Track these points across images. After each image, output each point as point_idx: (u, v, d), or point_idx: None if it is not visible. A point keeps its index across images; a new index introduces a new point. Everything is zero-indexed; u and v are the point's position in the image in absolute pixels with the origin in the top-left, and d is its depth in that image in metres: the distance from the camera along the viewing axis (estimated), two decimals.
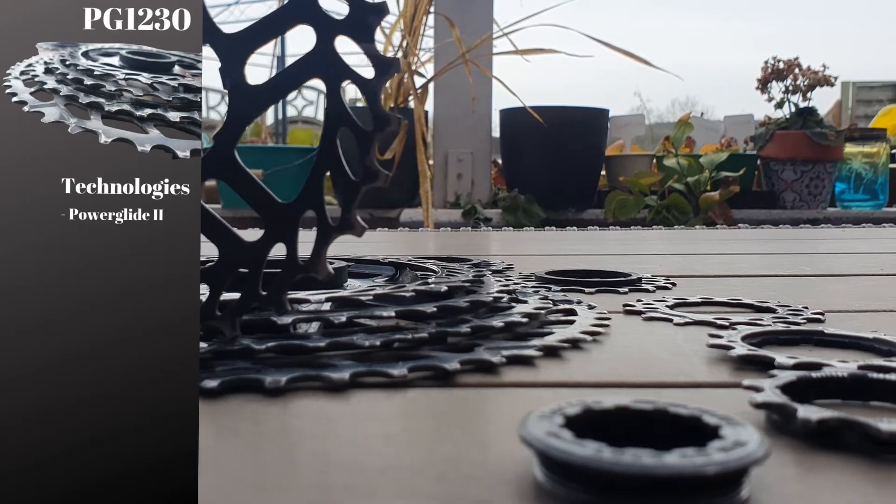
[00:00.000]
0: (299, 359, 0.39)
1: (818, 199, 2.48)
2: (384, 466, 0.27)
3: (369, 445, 0.29)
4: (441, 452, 0.28)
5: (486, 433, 0.30)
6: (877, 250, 1.13)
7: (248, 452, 0.28)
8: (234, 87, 0.39)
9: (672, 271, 0.78)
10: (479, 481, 0.26)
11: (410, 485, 0.25)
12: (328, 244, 0.39)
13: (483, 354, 0.40)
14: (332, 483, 0.25)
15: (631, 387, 0.37)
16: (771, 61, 2.49)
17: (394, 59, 0.38)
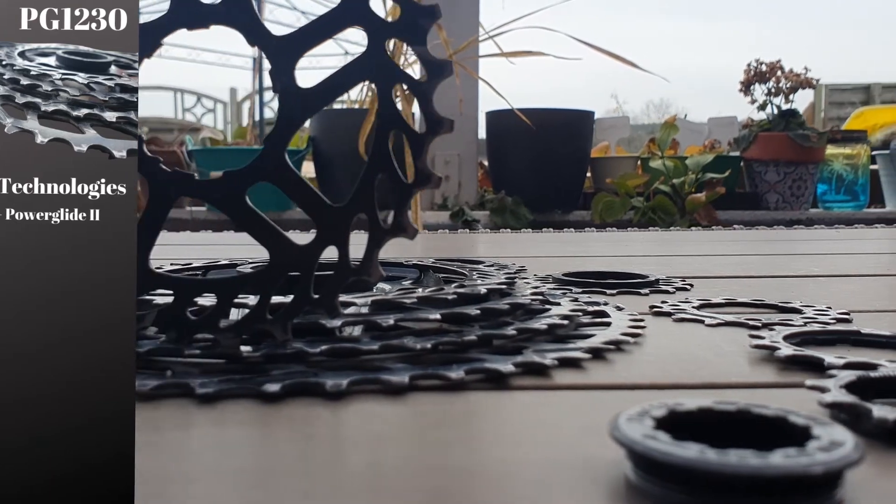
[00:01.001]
0: (351, 362, 0.39)
1: (801, 200, 2.50)
2: (479, 470, 0.27)
3: (452, 449, 0.29)
4: (525, 455, 0.28)
5: (562, 436, 0.30)
6: (875, 250, 1.14)
7: (331, 456, 0.28)
8: (284, 89, 0.39)
9: (684, 272, 0.79)
10: (572, 484, 0.26)
11: (511, 488, 0.25)
12: (380, 247, 0.39)
13: (533, 357, 0.40)
14: (430, 486, 0.25)
15: (686, 388, 0.37)
16: (754, 64, 2.51)
17: (446, 62, 0.38)
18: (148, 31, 0.39)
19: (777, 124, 2.50)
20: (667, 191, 2.30)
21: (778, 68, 2.49)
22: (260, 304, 0.39)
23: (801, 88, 2.44)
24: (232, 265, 0.60)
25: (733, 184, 2.45)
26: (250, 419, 0.32)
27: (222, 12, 0.39)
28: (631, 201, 2.31)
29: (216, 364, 0.38)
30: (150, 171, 0.39)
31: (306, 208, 0.39)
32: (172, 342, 0.39)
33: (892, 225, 1.73)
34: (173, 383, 0.35)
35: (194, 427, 0.31)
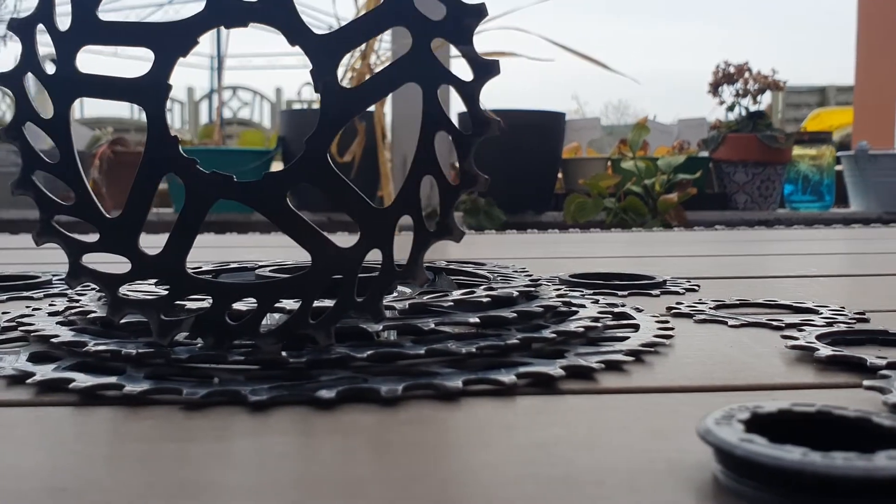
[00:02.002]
0: (396, 366, 0.38)
1: (769, 200, 2.54)
2: (567, 477, 0.26)
3: (528, 454, 0.28)
4: (607, 461, 0.28)
5: (634, 440, 0.30)
6: (864, 250, 1.16)
7: (408, 465, 0.28)
8: (326, 89, 0.38)
9: (684, 273, 0.79)
10: (661, 487, 0.25)
11: (604, 494, 0.25)
12: (425, 250, 0.39)
13: (578, 360, 0.40)
14: (522, 495, 0.25)
15: (733, 390, 0.37)
16: (722, 65, 2.54)
17: (494, 62, 0.38)
18: (183, 28, 0.38)
19: (745, 125, 2.54)
20: (638, 192, 2.32)
21: (746, 70, 2.52)
22: (302, 308, 0.38)
23: (770, 90, 2.48)
24: (245, 268, 0.59)
25: (703, 184, 2.48)
26: (312, 427, 0.31)
27: (261, 10, 0.38)
28: (603, 202, 2.32)
29: (260, 370, 0.37)
30: (187, 172, 0.38)
31: (349, 211, 0.39)
32: (211, 348, 0.38)
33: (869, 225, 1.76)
34: (223, 391, 0.34)
35: (261, 436, 0.30)
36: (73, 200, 0.39)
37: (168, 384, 0.35)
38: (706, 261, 1.03)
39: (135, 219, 0.39)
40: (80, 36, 0.39)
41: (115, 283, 0.39)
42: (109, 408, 0.34)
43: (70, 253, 0.39)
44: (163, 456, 0.28)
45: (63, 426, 0.32)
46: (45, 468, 0.27)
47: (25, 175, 0.39)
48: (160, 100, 0.38)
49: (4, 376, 0.38)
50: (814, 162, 2.64)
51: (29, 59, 0.39)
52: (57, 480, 0.26)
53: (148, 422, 0.32)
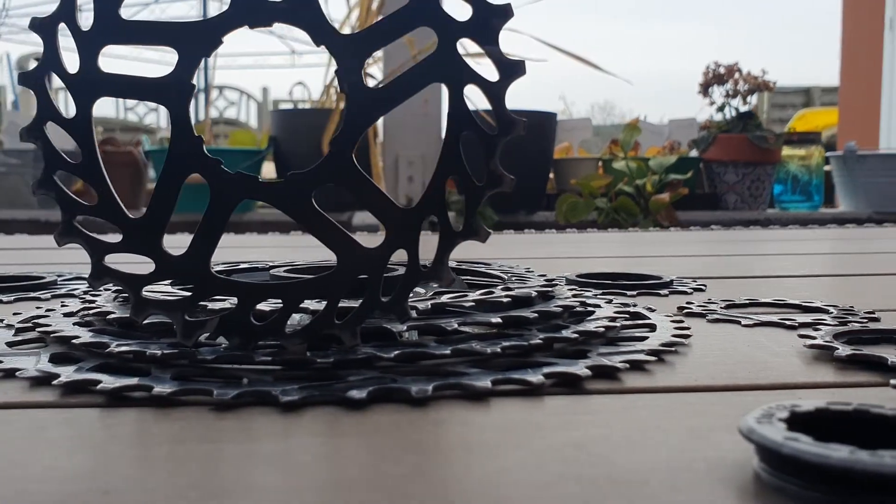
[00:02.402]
0: (422, 366, 0.38)
1: (759, 200, 2.55)
2: (607, 475, 0.26)
3: (566, 454, 0.28)
4: (647, 460, 0.28)
5: (671, 440, 0.30)
6: (865, 250, 1.17)
7: (447, 465, 0.28)
8: (351, 89, 0.38)
9: (688, 272, 0.80)
10: (702, 486, 0.26)
11: (646, 493, 0.25)
12: (451, 250, 0.39)
13: (603, 360, 0.40)
14: (561, 495, 0.25)
15: (759, 389, 0.37)
16: (712, 66, 2.56)
17: (520, 62, 0.38)
18: (208, 28, 0.38)
19: (735, 126, 2.55)
20: (630, 192, 2.33)
21: (736, 70, 2.53)
22: (328, 308, 0.38)
23: (759, 91, 2.49)
24: (255, 268, 0.59)
25: (693, 185, 2.49)
26: (344, 428, 0.31)
27: (286, 10, 0.38)
28: (595, 202, 2.33)
29: (287, 371, 0.37)
30: (211, 172, 0.38)
31: (375, 211, 0.38)
32: (236, 349, 0.38)
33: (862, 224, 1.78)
34: (253, 392, 0.34)
35: (295, 437, 0.30)
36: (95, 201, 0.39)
37: (197, 385, 0.35)
38: (708, 260, 1.04)
39: (158, 219, 0.38)
40: (102, 35, 0.38)
41: (139, 284, 0.39)
42: (137, 409, 0.34)
43: (92, 253, 0.39)
44: (200, 457, 0.28)
45: (95, 427, 0.32)
46: (85, 470, 0.27)
47: (47, 175, 0.39)
48: (184, 100, 0.38)
49: (28, 378, 0.38)
50: (802, 162, 2.66)
51: (51, 59, 0.39)
52: (101, 482, 0.25)
53: (179, 423, 0.32)
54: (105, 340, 0.40)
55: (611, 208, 2.31)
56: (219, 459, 0.28)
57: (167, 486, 0.25)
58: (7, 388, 0.37)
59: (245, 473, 0.27)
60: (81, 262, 0.91)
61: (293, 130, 2.62)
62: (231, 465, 0.27)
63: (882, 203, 2.54)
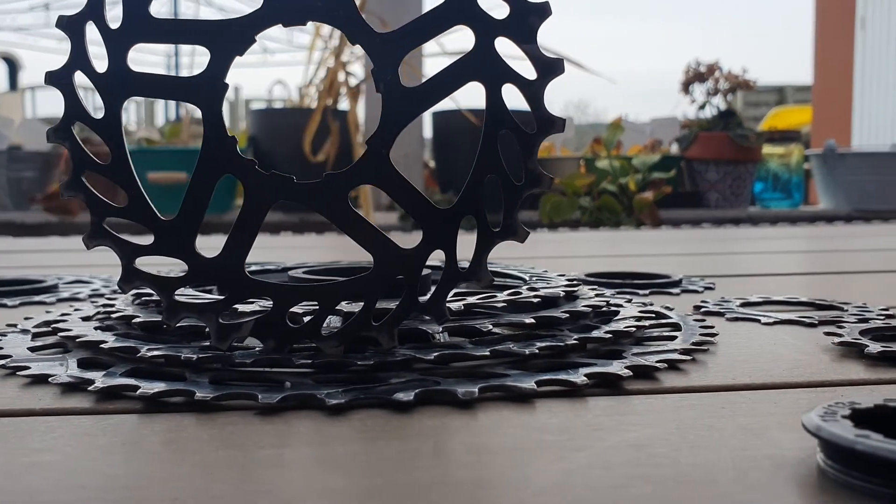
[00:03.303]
0: (460, 368, 0.38)
1: (740, 198, 2.57)
2: (675, 475, 0.26)
3: (628, 455, 0.28)
4: (710, 458, 0.28)
5: (726, 438, 0.30)
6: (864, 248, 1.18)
7: (511, 467, 0.27)
8: (388, 88, 0.38)
9: (691, 271, 0.80)
10: (769, 484, 0.25)
11: (716, 491, 0.25)
12: (490, 250, 0.39)
13: (640, 360, 0.40)
14: (635, 495, 0.25)
15: (798, 387, 0.37)
16: (693, 64, 2.57)
17: (558, 60, 0.38)
18: (240, 26, 0.38)
19: (716, 124, 2.57)
20: (613, 190, 2.34)
21: (716, 69, 2.55)
22: (364, 310, 0.38)
23: (740, 89, 2.51)
24: (269, 270, 0.58)
25: (675, 183, 2.50)
26: (396, 430, 0.31)
27: (321, 8, 0.38)
28: (578, 201, 2.33)
29: (326, 374, 0.37)
30: (245, 173, 0.38)
31: (412, 211, 0.38)
32: (272, 352, 0.38)
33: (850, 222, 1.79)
34: (298, 395, 0.34)
35: (347, 441, 0.30)
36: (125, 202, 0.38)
37: (239, 389, 0.34)
38: (707, 259, 1.04)
39: (191, 221, 0.38)
40: (131, 33, 0.38)
41: (171, 287, 0.38)
42: (178, 414, 0.33)
43: (123, 256, 0.38)
44: (261, 462, 0.28)
45: (142, 434, 0.31)
46: (147, 477, 0.26)
47: (76, 176, 0.38)
48: (217, 99, 0.38)
49: (60, 383, 0.37)
50: (782, 160, 2.68)
51: (78, 57, 0.38)
52: (167, 489, 0.25)
53: (228, 428, 0.31)
54: (135, 345, 0.39)
55: (594, 207, 2.32)
56: (281, 465, 0.27)
57: (236, 493, 0.25)
58: (40, 394, 0.36)
59: (312, 478, 0.26)
60: (77, 265, 0.90)
61: (272, 130, 2.60)
62: (295, 470, 0.27)
63: (861, 201, 2.57)
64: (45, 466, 0.27)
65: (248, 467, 0.27)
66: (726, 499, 0.25)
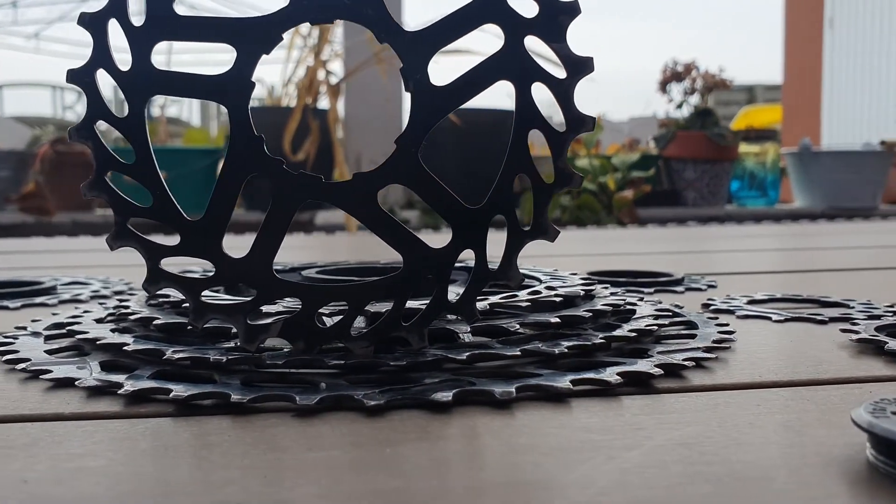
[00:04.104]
0: (491, 367, 0.38)
1: (718, 196, 2.60)
2: (730, 473, 0.26)
3: (679, 453, 0.28)
4: (759, 456, 0.28)
5: (769, 435, 0.30)
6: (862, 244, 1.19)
7: (565, 468, 0.27)
8: (417, 87, 0.37)
9: (691, 269, 0.80)
10: (829, 480, 0.26)
11: (780, 487, 0.25)
12: (520, 249, 0.38)
13: (667, 359, 0.40)
14: (699, 494, 0.25)
15: (826, 384, 0.38)
16: (670, 64, 2.59)
17: (588, 59, 0.38)
18: (267, 24, 0.37)
19: (693, 123, 2.59)
20: (593, 189, 2.35)
21: (693, 68, 2.57)
22: (394, 310, 0.38)
23: (717, 88, 2.53)
24: (286, 270, 0.57)
25: (654, 182, 2.52)
26: (439, 432, 0.31)
27: (349, 7, 0.37)
28: (559, 200, 2.34)
29: (357, 375, 0.37)
30: (273, 172, 0.37)
31: (442, 210, 0.38)
32: (301, 353, 0.37)
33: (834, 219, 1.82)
34: (336, 396, 0.33)
35: (398, 442, 0.30)
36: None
37: (276, 391, 0.34)
38: (702, 257, 1.05)
39: (218, 221, 0.37)
40: (156, 31, 0.37)
41: (198, 288, 0.38)
42: (213, 417, 0.33)
43: (148, 258, 0.37)
44: (316, 465, 0.27)
45: (183, 437, 0.31)
46: (202, 483, 0.26)
47: (99, 177, 0.38)
48: (244, 98, 0.37)
49: (87, 387, 0.36)
50: (758, 159, 2.71)
51: (101, 55, 0.37)
52: (230, 495, 0.25)
53: (270, 430, 0.31)
54: (160, 347, 0.39)
55: (575, 206, 2.33)
56: (333, 467, 0.27)
57: (300, 496, 0.24)
58: (66, 398, 0.36)
59: (368, 480, 0.26)
60: (68, 266, 0.89)
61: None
62: (349, 472, 0.27)
63: (836, 198, 2.60)
64: (93, 472, 0.27)
65: (301, 470, 0.27)
66: (784, 496, 0.25)
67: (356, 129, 2.52)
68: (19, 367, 0.40)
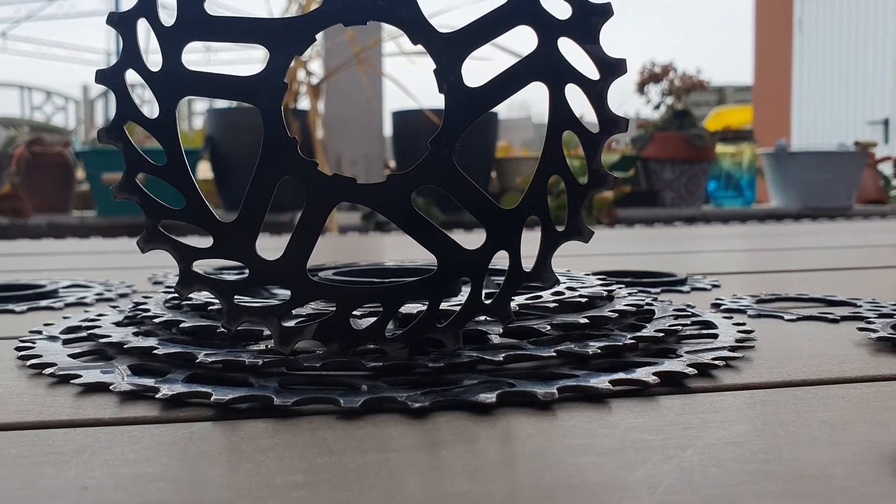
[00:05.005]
0: (525, 369, 0.38)
1: (695, 197, 2.62)
2: (787, 471, 0.26)
3: (733, 453, 0.28)
4: (812, 454, 0.28)
5: (814, 433, 0.30)
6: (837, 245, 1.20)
7: (636, 467, 0.27)
8: (451, 89, 0.37)
9: (690, 269, 0.81)
10: (888, 478, 0.26)
11: (841, 485, 0.25)
12: (554, 250, 0.39)
13: (697, 358, 0.40)
14: (760, 492, 0.25)
15: (856, 382, 0.38)
16: (648, 65, 2.61)
17: (621, 61, 0.38)
18: (301, 25, 0.37)
19: (671, 124, 2.61)
20: None
21: (671, 70, 2.59)
22: (429, 311, 0.37)
23: (694, 90, 2.56)
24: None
25: (632, 182, 2.54)
26: (489, 433, 0.31)
27: (383, 8, 0.37)
28: None
29: (394, 376, 0.36)
30: (307, 175, 0.37)
31: (475, 212, 0.38)
32: (336, 355, 0.37)
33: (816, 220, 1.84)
34: (379, 398, 0.33)
35: (447, 444, 0.30)
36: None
37: (319, 394, 0.34)
38: (699, 257, 1.06)
39: (251, 223, 0.37)
40: (187, 31, 0.37)
41: (231, 291, 0.37)
42: (255, 421, 0.33)
43: (181, 260, 0.37)
44: (374, 466, 0.27)
45: (233, 441, 0.30)
46: (268, 487, 0.26)
47: (129, 178, 0.37)
48: (276, 99, 0.37)
49: (121, 392, 0.36)
50: (734, 159, 2.74)
51: (130, 56, 0.37)
52: (293, 500, 0.24)
53: (319, 433, 0.31)
54: (191, 350, 0.39)
55: (555, 206, 2.34)
56: (395, 469, 0.27)
57: (372, 500, 0.24)
58: (100, 402, 0.35)
59: (437, 482, 0.26)
60: (68, 269, 0.88)
61: (230, 130, 2.57)
62: (413, 475, 0.27)
63: (811, 198, 2.64)
64: (152, 478, 0.26)
65: (364, 473, 0.27)
66: (847, 493, 0.25)
67: (337, 129, 2.51)
68: (46, 371, 0.39)
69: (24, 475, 0.27)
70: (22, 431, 0.32)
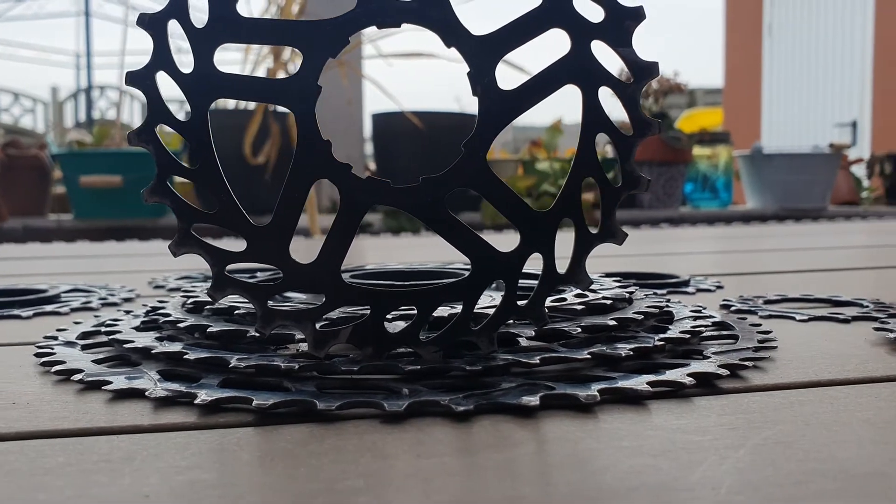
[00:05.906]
0: (558, 371, 0.38)
1: (673, 198, 2.64)
2: (840, 471, 0.27)
3: (781, 453, 0.29)
4: (862, 453, 0.28)
5: (851, 433, 0.31)
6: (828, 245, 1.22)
7: (691, 469, 0.27)
8: (485, 91, 0.37)
9: (691, 270, 0.82)
10: None
11: (888, 482, 0.26)
12: (588, 252, 0.39)
13: (725, 359, 0.40)
14: (820, 492, 0.25)
15: (881, 381, 0.39)
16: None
17: (653, 64, 0.38)
18: (334, 27, 0.37)
19: None
20: (554, 192, 2.37)
21: None
22: (463, 314, 0.37)
23: (672, 92, 2.58)
24: None
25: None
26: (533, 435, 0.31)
27: (416, 10, 0.37)
28: None
29: (431, 380, 0.36)
30: (341, 177, 0.37)
31: (509, 214, 0.38)
32: (369, 358, 0.37)
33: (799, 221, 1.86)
34: (423, 402, 0.33)
35: (514, 447, 0.30)
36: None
37: (362, 398, 0.34)
38: (692, 258, 1.07)
39: (285, 226, 0.37)
40: (219, 33, 0.37)
41: (265, 295, 0.37)
42: (298, 425, 0.32)
43: (213, 263, 0.37)
44: (433, 471, 0.27)
45: (282, 447, 0.30)
46: (338, 493, 0.25)
47: (161, 181, 0.37)
48: (310, 102, 0.37)
49: (156, 398, 0.35)
50: (710, 161, 2.76)
51: (161, 57, 0.37)
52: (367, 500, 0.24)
53: (367, 437, 0.31)
54: (223, 355, 0.38)
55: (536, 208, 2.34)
56: (455, 473, 0.27)
57: (431, 503, 0.24)
58: (135, 409, 0.35)
59: (499, 485, 0.26)
60: (65, 273, 0.86)
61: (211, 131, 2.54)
62: (476, 478, 0.26)
63: (787, 199, 2.67)
64: (209, 485, 0.26)
65: (424, 477, 0.26)
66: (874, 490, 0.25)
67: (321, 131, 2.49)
68: (74, 378, 0.39)
69: (75, 483, 0.26)
70: (64, 440, 0.31)
